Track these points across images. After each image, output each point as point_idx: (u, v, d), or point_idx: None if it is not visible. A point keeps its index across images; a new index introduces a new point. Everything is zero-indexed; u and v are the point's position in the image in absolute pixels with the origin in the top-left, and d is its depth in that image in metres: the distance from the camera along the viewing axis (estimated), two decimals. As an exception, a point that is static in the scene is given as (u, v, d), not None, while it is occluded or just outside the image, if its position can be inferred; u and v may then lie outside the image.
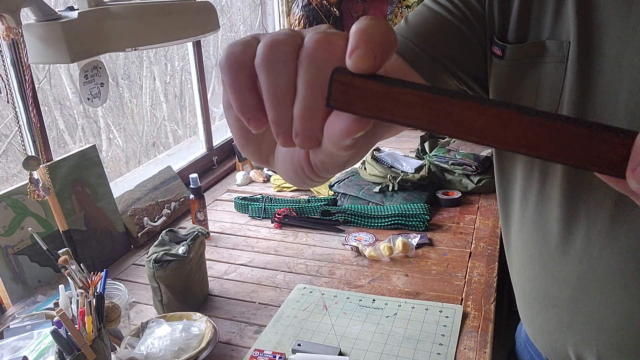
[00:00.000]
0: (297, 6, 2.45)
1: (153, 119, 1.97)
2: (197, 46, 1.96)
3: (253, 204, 1.67)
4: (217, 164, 2.08)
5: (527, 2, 0.64)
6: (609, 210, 0.62)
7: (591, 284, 0.67)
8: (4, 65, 1.13)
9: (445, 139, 1.91)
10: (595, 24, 0.60)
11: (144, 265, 1.14)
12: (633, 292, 0.63)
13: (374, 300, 1.17)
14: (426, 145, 1.89)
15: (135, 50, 1.07)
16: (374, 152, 1.84)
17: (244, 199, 1.72)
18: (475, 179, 1.70)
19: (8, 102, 1.13)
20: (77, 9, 0.96)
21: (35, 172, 1.18)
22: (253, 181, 1.97)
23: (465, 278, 1.26)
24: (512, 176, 0.75)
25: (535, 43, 0.64)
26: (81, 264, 0.99)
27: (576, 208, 0.65)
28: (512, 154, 0.69)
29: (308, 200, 1.68)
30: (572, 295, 0.70)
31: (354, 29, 0.27)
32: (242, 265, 1.38)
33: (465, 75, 0.70)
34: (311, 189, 1.81)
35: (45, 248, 1.05)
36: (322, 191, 1.77)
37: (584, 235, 0.65)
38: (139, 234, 1.51)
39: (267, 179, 1.95)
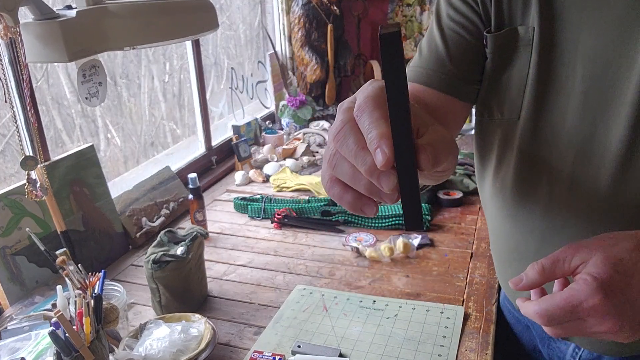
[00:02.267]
0: (297, 4, 2.44)
1: (151, 118, 1.96)
2: (196, 45, 1.95)
3: (252, 204, 1.66)
4: (216, 163, 2.07)
5: None
6: (568, 174, 0.71)
7: (552, 237, 0.76)
8: (2, 65, 1.13)
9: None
10: (557, 10, 0.67)
11: (143, 266, 1.14)
12: None
13: (374, 301, 1.16)
14: (426, 144, 1.88)
15: (133, 49, 1.06)
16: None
17: (243, 199, 1.71)
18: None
19: (6, 101, 1.13)
20: (75, 8, 0.96)
21: (33, 172, 1.17)
22: (252, 181, 1.96)
23: (466, 279, 1.25)
24: (489, 145, 0.82)
25: (509, 30, 0.72)
26: (79, 265, 0.98)
27: (539, 171, 0.74)
28: (493, 128, 0.80)
29: (308, 200, 1.68)
30: (536, 248, 0.79)
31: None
32: (241, 265, 1.37)
33: (480, 77, 0.79)
34: (311, 189, 1.80)
35: (43, 248, 1.04)
36: (322, 191, 1.76)
37: (547, 194, 0.74)
38: (138, 235, 1.50)
39: (266, 179, 1.95)
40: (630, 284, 0.51)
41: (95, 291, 0.90)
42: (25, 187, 1.15)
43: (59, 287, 0.97)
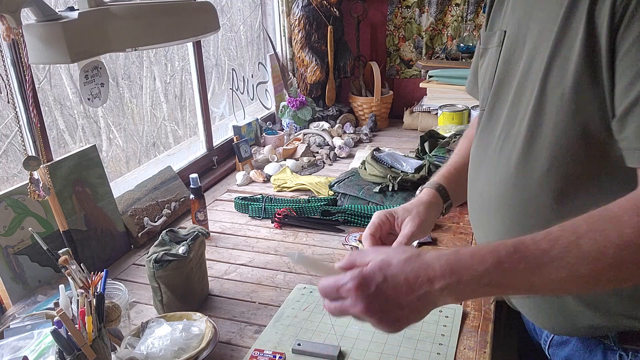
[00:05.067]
0: (297, 6, 2.45)
1: (153, 119, 1.97)
2: (197, 46, 1.96)
3: (253, 204, 1.67)
4: (217, 164, 2.08)
5: (498, 1, 0.90)
6: (495, 150, 0.85)
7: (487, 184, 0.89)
8: (5, 66, 1.14)
9: (445, 139, 1.91)
10: (519, 16, 0.81)
11: (144, 265, 1.15)
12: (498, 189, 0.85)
13: (374, 300, 1.17)
14: (426, 145, 1.89)
15: (135, 50, 1.07)
16: (374, 152, 1.84)
17: (244, 199, 1.72)
18: (475, 179, 1.70)
19: (8, 102, 1.14)
20: (78, 9, 0.97)
21: (35, 172, 1.18)
22: (253, 181, 1.97)
23: (465, 278, 1.25)
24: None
25: (492, 32, 0.89)
26: (81, 264, 0.99)
27: (487, 144, 0.88)
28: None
29: (308, 200, 1.68)
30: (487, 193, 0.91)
31: None
32: (242, 265, 1.38)
33: None
34: (311, 189, 1.81)
35: (45, 248, 1.05)
36: (322, 191, 1.77)
37: (488, 161, 0.88)
38: (139, 234, 1.51)
39: (267, 179, 1.95)
40: (386, 282, 0.62)
41: (98, 290, 0.91)
42: (28, 187, 1.16)
43: (61, 286, 0.98)
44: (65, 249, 0.99)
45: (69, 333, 0.81)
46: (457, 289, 0.61)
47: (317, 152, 2.21)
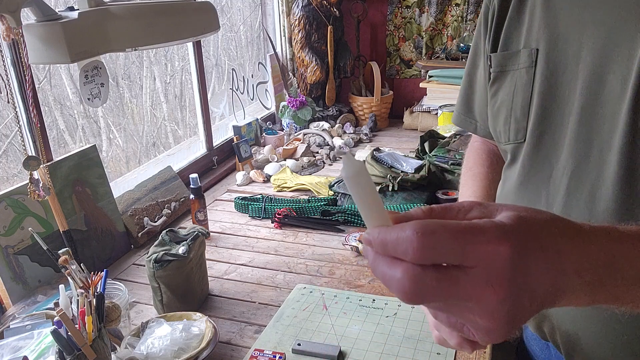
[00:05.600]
0: (297, 6, 2.45)
1: (153, 119, 1.97)
2: (197, 46, 1.96)
3: (253, 204, 1.67)
4: (217, 164, 2.08)
5: (512, 17, 0.76)
6: (562, 196, 0.69)
7: None
8: (5, 66, 1.14)
9: (445, 139, 1.91)
10: (560, 31, 0.69)
11: (144, 265, 1.15)
12: None
13: (374, 300, 1.17)
14: (426, 145, 1.89)
15: (135, 50, 1.07)
16: (374, 152, 1.84)
17: (244, 199, 1.72)
18: (475, 179, 1.70)
19: (8, 102, 1.14)
20: (78, 9, 0.96)
21: (35, 172, 1.18)
22: (253, 181, 1.97)
23: (465, 278, 1.25)
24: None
25: (513, 52, 0.76)
26: (81, 264, 0.99)
27: (537, 189, 0.74)
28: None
29: (308, 200, 1.68)
30: None
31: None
32: (242, 265, 1.38)
33: None
34: (311, 189, 1.81)
35: (45, 248, 1.05)
36: (322, 191, 1.77)
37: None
38: (139, 234, 1.51)
39: (267, 179, 1.95)
40: (536, 248, 0.37)
41: (98, 290, 0.91)
42: (28, 187, 1.16)
43: (61, 286, 0.98)
44: (65, 249, 0.99)
45: (69, 333, 0.81)
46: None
47: (317, 152, 2.21)
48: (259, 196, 1.72)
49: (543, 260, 0.37)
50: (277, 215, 1.59)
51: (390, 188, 1.64)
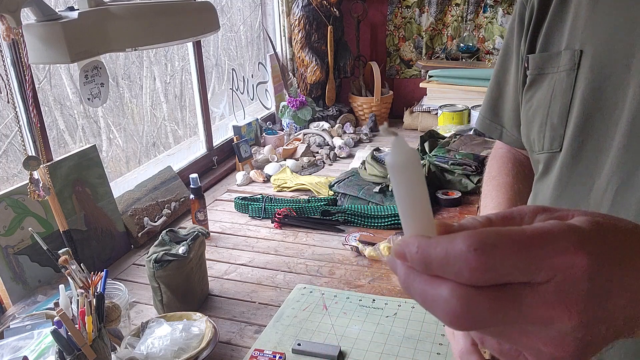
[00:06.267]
0: (297, 6, 2.45)
1: (153, 119, 1.97)
2: (197, 46, 1.96)
3: (253, 204, 1.67)
4: (217, 164, 2.08)
5: (554, 16, 0.69)
6: (607, 209, 0.62)
7: None
8: (5, 66, 1.14)
9: (445, 139, 1.92)
10: (607, 32, 0.62)
11: (144, 265, 1.15)
12: None
13: (374, 300, 1.17)
14: (426, 145, 1.89)
15: (135, 50, 1.07)
16: (374, 152, 1.84)
17: (244, 199, 1.72)
18: (475, 179, 1.70)
19: (8, 102, 1.14)
20: (78, 9, 0.96)
21: (35, 172, 1.18)
22: (253, 181, 1.97)
23: (465, 278, 1.25)
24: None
25: (554, 53, 0.69)
26: (81, 264, 0.99)
27: (576, 203, 0.68)
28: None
29: (308, 200, 1.68)
30: None
31: None
32: (242, 265, 1.38)
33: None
34: (311, 189, 1.81)
35: (45, 248, 1.05)
36: (322, 191, 1.77)
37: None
38: (139, 234, 1.51)
39: (267, 179, 1.95)
40: (615, 263, 0.30)
41: (98, 290, 0.91)
42: (28, 187, 1.16)
43: (61, 286, 0.98)
44: (65, 249, 0.99)
45: (69, 333, 0.81)
46: None
47: (317, 152, 2.21)
48: (259, 196, 1.72)
49: (625, 278, 0.30)
50: (277, 215, 1.59)
51: (390, 188, 1.65)
